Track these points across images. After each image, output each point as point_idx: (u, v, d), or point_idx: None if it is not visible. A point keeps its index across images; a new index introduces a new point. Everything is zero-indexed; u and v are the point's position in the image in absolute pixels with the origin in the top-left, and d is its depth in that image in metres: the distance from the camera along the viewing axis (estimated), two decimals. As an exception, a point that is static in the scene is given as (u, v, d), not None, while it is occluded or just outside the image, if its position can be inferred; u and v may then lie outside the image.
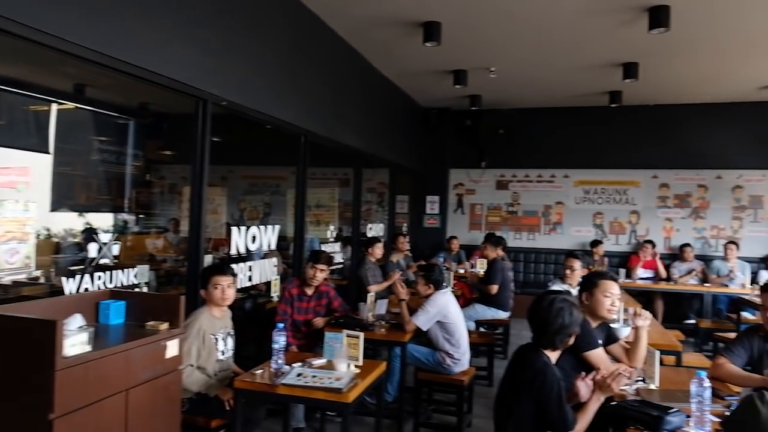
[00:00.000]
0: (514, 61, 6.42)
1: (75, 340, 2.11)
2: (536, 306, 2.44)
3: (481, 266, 6.53)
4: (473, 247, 8.19)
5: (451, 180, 9.33)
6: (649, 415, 2.30)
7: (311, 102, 5.23)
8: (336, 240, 5.97)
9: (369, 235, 6.93)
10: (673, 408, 2.33)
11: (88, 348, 2.17)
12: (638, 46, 5.69)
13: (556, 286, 4.43)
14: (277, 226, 4.65)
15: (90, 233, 3.90)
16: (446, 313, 3.93)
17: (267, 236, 4.43)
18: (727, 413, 2.35)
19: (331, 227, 6.03)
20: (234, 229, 4.08)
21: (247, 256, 4.35)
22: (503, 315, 5.77)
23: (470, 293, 6.08)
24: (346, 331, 3.05)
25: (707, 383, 2.29)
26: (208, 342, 3.08)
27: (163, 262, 6.46)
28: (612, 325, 3.99)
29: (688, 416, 2.29)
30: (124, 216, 7.72)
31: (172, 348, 2.57)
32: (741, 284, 7.00)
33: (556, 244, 8.77)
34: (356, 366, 2.96)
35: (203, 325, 3.06)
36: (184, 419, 2.81)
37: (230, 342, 3.26)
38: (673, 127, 8.28)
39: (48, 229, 5.70)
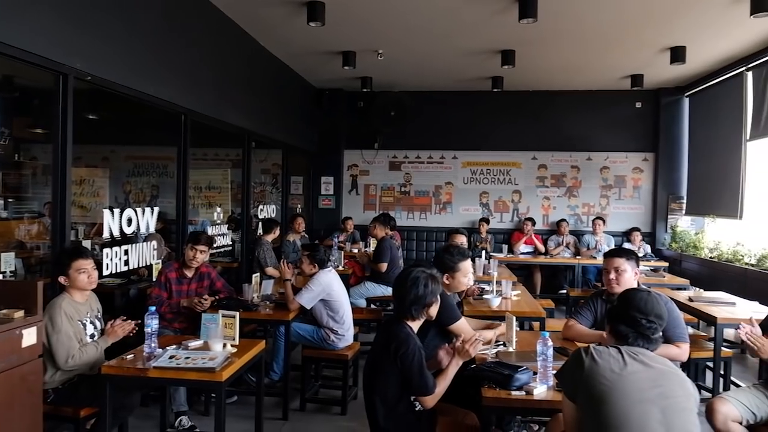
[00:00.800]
0: (401, 45, 6.58)
1: None
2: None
3: (373, 245, 6.70)
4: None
5: (345, 161, 9.43)
6: (501, 374, 2.53)
7: (193, 80, 5.06)
8: (226, 222, 5.85)
9: (261, 216, 6.87)
10: (522, 366, 2.58)
11: (-75, 340, 2.02)
12: (513, 35, 6.05)
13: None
14: (156, 209, 4.49)
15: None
16: (330, 291, 4.03)
17: (145, 219, 4.27)
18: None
19: (218, 209, 5.90)
20: (106, 212, 3.88)
21: (128, 240, 4.18)
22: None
23: (361, 272, 6.23)
24: (221, 312, 3.05)
25: (550, 343, 2.56)
26: (76, 328, 2.96)
27: (37, 249, 6.03)
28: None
29: (536, 373, 2.55)
30: (-9, 200, 7.05)
31: (29, 336, 2.45)
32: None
33: (446, 223, 9.16)
34: (232, 345, 2.98)
35: (67, 311, 2.92)
36: (49, 410, 2.70)
37: (99, 324, 3.15)
38: (549, 112, 8.90)
39: None
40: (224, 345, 2.91)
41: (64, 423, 2.90)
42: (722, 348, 4.06)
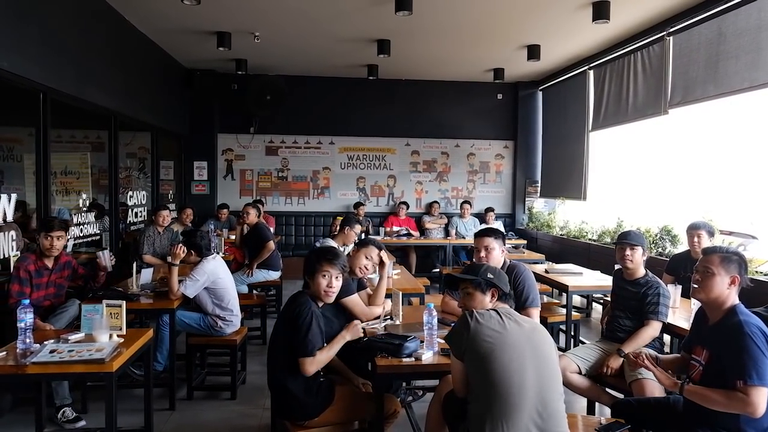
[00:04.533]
0: (278, 28, 6.53)
1: None
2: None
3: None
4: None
5: (219, 145, 9.14)
6: (392, 344, 2.73)
7: (53, 55, 4.64)
8: (89, 209, 5.45)
9: (130, 203, 6.49)
10: (410, 336, 2.81)
11: None
12: (389, 25, 6.29)
13: (329, 243, 4.73)
14: (14, 195, 4.08)
15: None
16: (215, 278, 3.97)
17: (1, 207, 3.87)
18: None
19: (84, 196, 5.48)
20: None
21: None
22: (275, 276, 6.00)
23: (242, 258, 6.15)
24: (106, 301, 2.91)
25: (435, 313, 2.81)
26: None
27: None
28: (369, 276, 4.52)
29: (422, 341, 2.78)
30: None
31: None
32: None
33: (324, 208, 9.29)
34: (119, 336, 2.86)
35: None
36: None
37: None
38: (421, 101, 9.36)
39: None
40: (110, 336, 2.80)
41: None
42: (572, 312, 4.68)
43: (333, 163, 9.39)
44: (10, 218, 3.96)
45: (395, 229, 8.59)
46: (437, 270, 8.27)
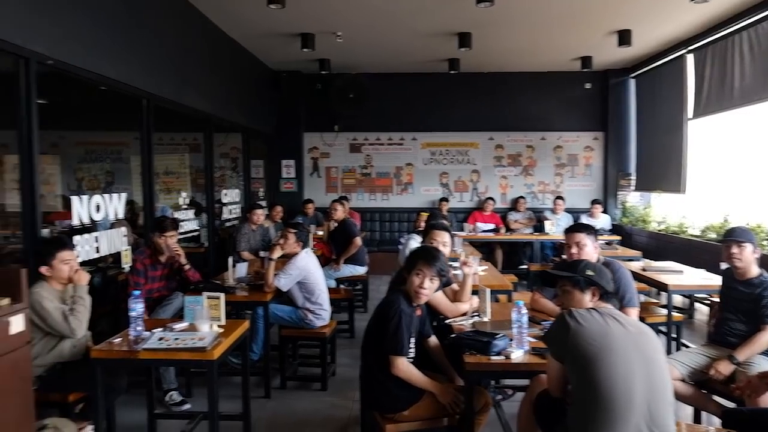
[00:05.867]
0: (359, 27, 6.62)
1: None
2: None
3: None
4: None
5: (305, 144, 9.42)
6: (480, 342, 2.70)
7: (153, 63, 4.97)
8: (189, 207, 5.80)
9: (224, 200, 6.85)
10: (499, 334, 2.76)
11: None
12: (470, 18, 6.19)
13: (414, 241, 4.73)
14: (124, 195, 4.42)
15: None
16: (306, 273, 4.10)
17: (113, 205, 4.21)
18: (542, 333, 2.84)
19: (183, 194, 5.84)
20: (75, 198, 3.81)
21: (91, 227, 4.11)
22: (361, 271, 6.11)
23: (330, 253, 6.31)
24: (206, 293, 3.09)
25: (524, 311, 2.74)
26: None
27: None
28: (454, 272, 4.49)
29: (511, 340, 2.72)
30: None
31: (16, 324, 2.43)
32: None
33: (408, 203, 9.33)
34: (219, 326, 3.03)
35: (48, 297, 2.90)
36: (37, 397, 2.69)
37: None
38: (504, 93, 9.15)
39: None
40: (211, 325, 2.96)
41: (52, 408, 2.89)
42: (673, 313, 4.39)
43: (416, 159, 9.40)
44: (121, 216, 4.29)
45: (482, 226, 8.46)
46: (524, 267, 8.06)
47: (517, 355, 2.63)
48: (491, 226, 8.61)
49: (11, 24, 3.17)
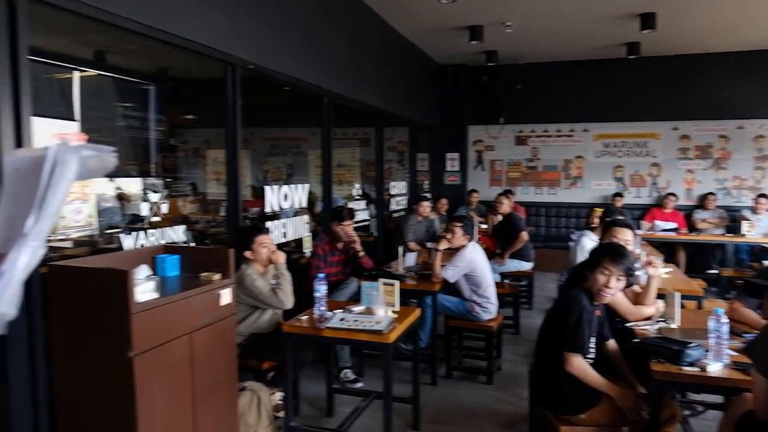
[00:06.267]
0: (530, 15, 6.39)
1: (144, 288, 2.33)
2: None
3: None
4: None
5: (470, 137, 9.39)
6: (670, 349, 2.47)
7: (333, 63, 5.32)
8: (361, 198, 6.14)
9: (393, 192, 7.12)
10: (692, 342, 2.50)
11: (155, 295, 2.38)
12: (657, -5, 5.65)
13: (587, 239, 4.50)
14: (307, 185, 4.82)
15: (143, 194, 4.07)
16: (474, 266, 4.11)
17: (298, 195, 4.60)
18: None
19: (357, 186, 6.20)
20: (267, 188, 4.25)
21: (278, 215, 4.55)
22: (527, 266, 5.95)
23: (494, 247, 6.24)
24: (382, 280, 3.25)
25: (724, 320, 2.45)
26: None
27: (195, 223, 6.73)
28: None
29: (707, 351, 2.45)
30: (152, 180, 7.90)
31: (225, 296, 2.79)
32: (764, 234, 7.01)
33: (577, 198, 8.85)
34: (393, 312, 3.17)
35: (255, 276, 3.29)
36: (238, 362, 3.06)
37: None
38: (693, 78, 8.20)
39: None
40: (386, 310, 3.11)
41: (248, 373, 3.27)
42: None
43: (586, 152, 8.87)
44: (304, 204, 4.68)
45: (662, 224, 7.71)
46: (714, 271, 7.20)
47: (715, 367, 2.37)
48: (672, 225, 7.80)
49: (223, 36, 3.62)
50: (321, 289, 3.10)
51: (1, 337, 2.13)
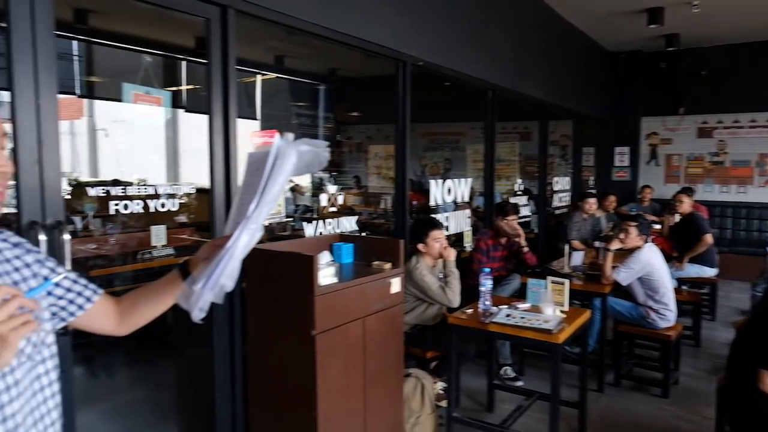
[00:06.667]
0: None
1: (326, 273, 2.52)
2: None
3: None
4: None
5: (642, 129, 8.65)
6: None
7: (498, 56, 5.24)
8: (522, 193, 5.99)
9: (555, 188, 6.84)
10: None
11: (335, 280, 2.57)
12: None
13: None
14: (469, 180, 4.82)
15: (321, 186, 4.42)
16: (651, 270, 3.80)
17: (461, 189, 4.63)
18: None
19: (518, 181, 6.06)
20: (432, 182, 4.34)
21: (439, 209, 4.63)
22: (710, 273, 5.35)
23: (670, 250, 5.70)
24: (551, 278, 3.15)
25: None
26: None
27: (359, 214, 7.09)
28: None
29: None
30: (320, 174, 8.49)
31: (395, 285, 2.91)
32: None
33: (772, 198, 7.74)
34: (561, 311, 3.05)
35: (428, 273, 3.40)
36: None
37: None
38: None
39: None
40: (554, 310, 3.01)
41: (412, 361, 3.39)
42: None
43: (788, 145, 7.69)
44: (467, 199, 4.70)
45: None
46: None
47: None
48: None
49: (395, 34, 3.76)
50: (487, 284, 3.09)
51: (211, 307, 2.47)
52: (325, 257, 2.67)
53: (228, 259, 1.10)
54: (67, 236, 1.97)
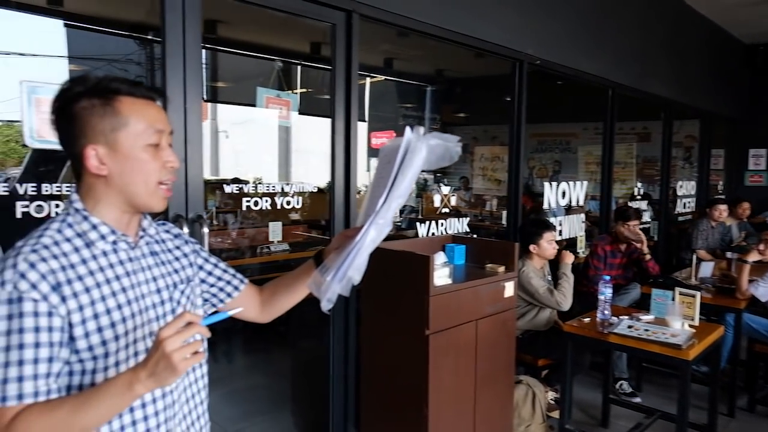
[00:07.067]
0: None
1: (441, 273, 2.52)
2: None
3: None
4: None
5: (785, 129, 7.80)
6: None
7: (619, 52, 4.96)
8: (642, 198, 5.63)
9: (679, 193, 6.37)
10: None
11: (449, 281, 2.57)
12: None
13: None
14: (585, 183, 4.61)
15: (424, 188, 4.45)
16: (794, 284, 3.42)
17: (576, 192, 4.44)
18: None
19: (638, 185, 5.71)
20: (546, 185, 4.20)
21: (551, 213, 4.46)
22: None
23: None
24: (679, 290, 2.93)
25: None
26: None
27: (465, 216, 7.02)
28: None
29: None
30: (424, 175, 8.51)
31: (508, 289, 2.85)
32: None
33: None
34: (690, 326, 2.83)
35: (536, 277, 3.31)
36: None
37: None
38: None
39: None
40: (683, 324, 2.80)
41: (521, 368, 3.30)
42: None
43: None
44: (581, 203, 4.50)
45: None
46: None
47: None
48: None
49: (513, 33, 3.68)
50: (606, 292, 2.94)
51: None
52: (440, 258, 2.69)
53: (356, 253, 1.09)
54: (206, 229, 2.13)
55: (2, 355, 0.92)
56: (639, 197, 5.54)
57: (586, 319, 2.96)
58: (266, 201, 2.64)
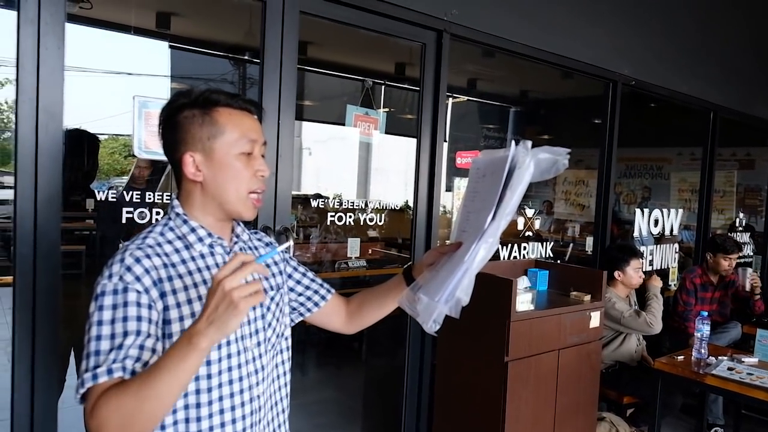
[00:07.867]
0: None
1: (523, 299, 2.45)
2: None
3: None
4: None
5: None
6: None
7: (724, 72, 4.66)
8: (744, 230, 5.22)
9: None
10: None
11: (531, 307, 2.48)
12: None
13: None
14: (680, 211, 4.34)
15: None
16: None
17: (669, 221, 4.19)
18: None
19: (740, 215, 5.30)
20: (638, 211, 4.00)
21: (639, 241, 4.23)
22: None
23: None
24: (792, 332, 2.67)
25: None
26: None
27: (545, 240, 6.80)
28: None
29: None
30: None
31: (595, 319, 2.71)
32: None
33: None
34: (805, 373, 2.57)
35: (620, 302, 3.13)
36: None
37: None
38: None
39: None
40: (794, 370, 2.55)
41: (603, 404, 3.12)
42: None
43: None
44: (676, 231, 4.24)
45: None
46: None
47: None
48: None
49: (607, 52, 3.56)
50: (704, 329, 2.73)
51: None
52: (523, 282, 2.61)
53: (464, 273, 1.06)
54: (291, 242, 2.19)
55: (108, 342, 0.96)
56: (740, 228, 5.14)
57: (680, 357, 2.76)
58: (350, 216, 2.68)
